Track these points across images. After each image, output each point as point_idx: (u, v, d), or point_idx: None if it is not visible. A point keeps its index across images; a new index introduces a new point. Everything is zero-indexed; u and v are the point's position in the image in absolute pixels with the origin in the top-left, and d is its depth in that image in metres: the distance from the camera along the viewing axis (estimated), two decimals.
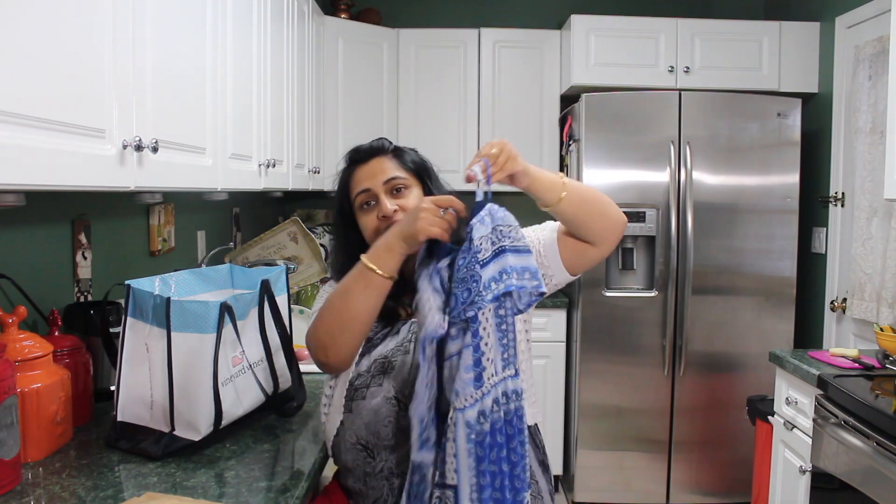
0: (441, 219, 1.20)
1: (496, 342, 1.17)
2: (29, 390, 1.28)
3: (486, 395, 1.15)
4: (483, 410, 1.15)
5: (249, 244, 2.77)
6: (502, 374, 1.17)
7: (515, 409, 1.18)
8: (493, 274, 1.14)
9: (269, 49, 2.23)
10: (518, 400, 1.18)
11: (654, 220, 3.16)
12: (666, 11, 3.61)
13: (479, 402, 1.14)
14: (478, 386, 1.15)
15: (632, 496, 3.25)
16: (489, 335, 1.16)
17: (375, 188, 1.36)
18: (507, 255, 1.15)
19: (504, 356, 1.17)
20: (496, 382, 1.16)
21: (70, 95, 1.05)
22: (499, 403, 1.16)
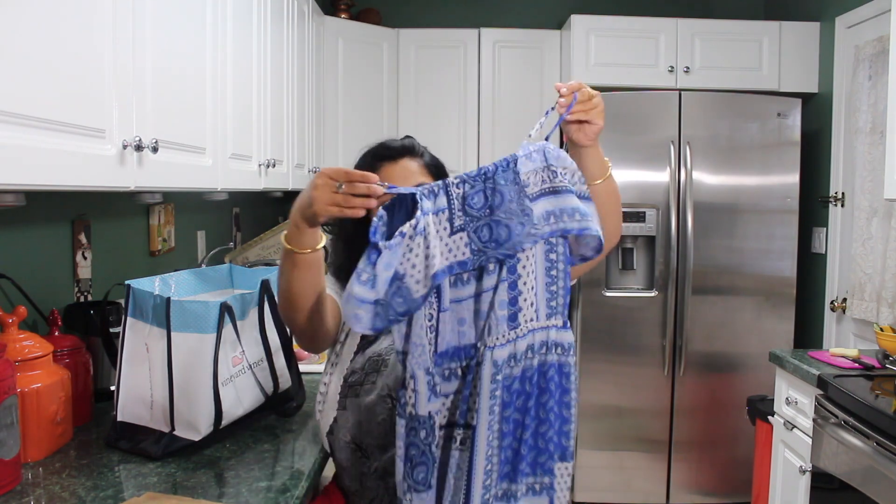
0: (338, 195, 1.06)
1: (542, 286, 1.11)
2: (29, 390, 1.28)
3: (521, 337, 1.09)
4: (515, 353, 1.09)
5: (249, 244, 2.77)
6: (545, 322, 1.11)
7: (558, 364, 1.12)
8: (548, 209, 1.09)
9: (269, 49, 2.23)
10: (563, 355, 1.12)
11: (654, 220, 3.16)
12: (666, 11, 3.61)
13: (512, 344, 1.08)
14: (512, 326, 1.09)
15: (632, 496, 3.25)
16: (530, 275, 1.09)
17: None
18: (564, 195, 1.09)
19: (551, 304, 1.11)
20: (535, 328, 1.11)
21: (70, 95, 1.05)
22: (534, 350, 1.10)
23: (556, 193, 1.10)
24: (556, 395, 1.11)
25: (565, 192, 1.10)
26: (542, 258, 1.11)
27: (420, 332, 1.08)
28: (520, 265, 1.09)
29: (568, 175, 1.11)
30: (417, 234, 1.03)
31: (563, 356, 1.12)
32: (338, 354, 1.37)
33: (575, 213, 1.09)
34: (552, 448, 1.12)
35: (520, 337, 1.09)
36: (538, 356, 1.11)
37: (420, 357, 1.08)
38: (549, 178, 1.10)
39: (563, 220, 1.09)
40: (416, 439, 1.10)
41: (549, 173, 1.10)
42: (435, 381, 1.09)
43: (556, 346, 1.12)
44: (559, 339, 1.12)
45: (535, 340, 1.11)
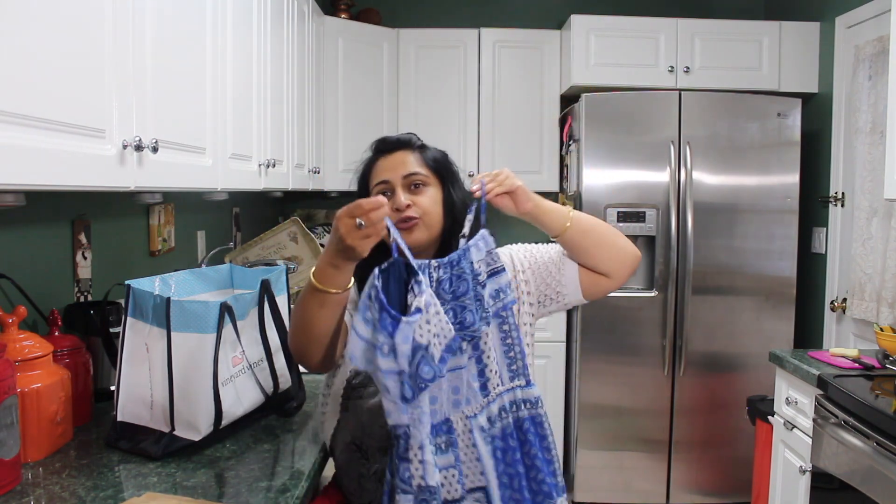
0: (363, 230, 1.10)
1: (501, 355, 1.25)
2: (29, 390, 1.28)
3: (493, 402, 1.22)
4: (490, 416, 1.21)
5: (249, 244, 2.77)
6: (509, 384, 1.24)
7: (530, 417, 1.24)
8: (492, 290, 1.24)
9: (269, 49, 2.23)
10: (533, 408, 1.25)
11: (654, 220, 3.16)
12: (666, 11, 3.61)
13: (486, 409, 1.22)
14: (485, 394, 1.22)
15: (632, 496, 3.25)
16: (491, 348, 1.23)
17: (394, 181, 1.34)
18: (500, 275, 1.25)
19: (511, 367, 1.25)
20: (502, 392, 1.23)
21: (70, 95, 1.05)
22: (506, 411, 1.23)
23: (496, 274, 1.25)
24: (536, 443, 1.24)
25: (501, 272, 1.26)
26: (497, 331, 1.25)
27: (426, 401, 1.14)
28: (482, 342, 1.22)
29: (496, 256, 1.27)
30: (431, 305, 1.12)
31: (532, 409, 1.25)
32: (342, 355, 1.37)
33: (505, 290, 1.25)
34: (546, 489, 1.22)
35: (491, 402, 1.22)
36: (511, 414, 1.24)
37: (426, 427, 1.14)
38: (491, 262, 1.25)
39: (501, 298, 1.25)
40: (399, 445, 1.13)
41: (489, 258, 1.25)
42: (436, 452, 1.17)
43: (525, 402, 1.25)
44: (525, 396, 1.25)
45: (505, 402, 1.24)
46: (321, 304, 1.17)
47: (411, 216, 1.32)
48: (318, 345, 1.22)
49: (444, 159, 1.42)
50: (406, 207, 1.32)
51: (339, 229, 1.10)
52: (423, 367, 1.09)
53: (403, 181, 1.35)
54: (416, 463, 1.11)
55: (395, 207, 1.32)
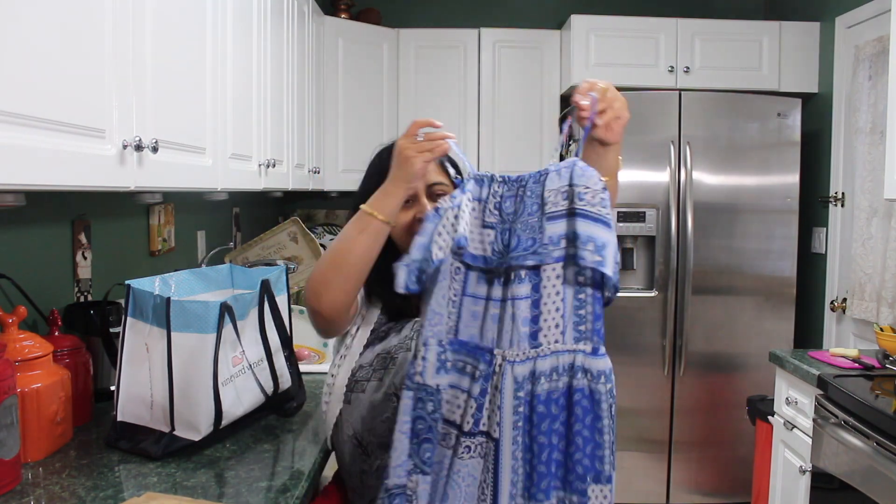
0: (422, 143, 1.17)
1: (570, 309, 1.10)
2: (29, 390, 1.28)
3: (543, 357, 1.10)
4: (536, 371, 1.09)
5: (249, 244, 2.77)
6: (572, 345, 1.10)
7: (588, 390, 1.09)
8: (561, 233, 1.10)
9: (269, 49, 2.23)
10: (593, 381, 1.09)
11: (654, 220, 3.17)
12: (666, 11, 3.60)
13: (533, 362, 1.09)
14: (533, 345, 1.10)
15: (632, 496, 3.25)
16: (552, 296, 1.10)
17: (419, 189, 1.34)
18: (578, 219, 1.09)
19: (579, 328, 1.11)
20: (559, 350, 1.10)
21: (70, 95, 1.05)
22: (559, 373, 1.10)
23: (573, 216, 1.10)
24: (586, 420, 1.09)
25: (583, 216, 1.09)
26: (573, 280, 1.10)
27: (441, 302, 1.11)
28: (542, 284, 1.10)
29: (589, 196, 1.10)
30: (453, 206, 1.12)
31: (593, 382, 1.10)
32: (348, 347, 1.38)
33: (589, 242, 1.08)
34: (581, 470, 1.09)
35: (541, 356, 1.10)
36: (563, 379, 1.10)
37: (436, 326, 1.11)
38: (570, 200, 1.10)
39: (576, 247, 1.09)
40: (423, 412, 1.10)
41: (571, 194, 1.10)
42: (447, 357, 1.11)
43: (586, 371, 1.10)
44: (588, 365, 1.10)
45: (560, 363, 1.10)
46: (362, 228, 1.22)
47: None
48: (342, 277, 1.24)
49: (457, 165, 1.42)
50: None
51: (400, 148, 1.18)
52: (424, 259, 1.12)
53: (428, 190, 1.35)
54: (419, 360, 1.12)
55: (419, 216, 1.32)
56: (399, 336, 1.35)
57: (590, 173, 1.12)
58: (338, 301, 1.27)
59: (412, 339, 1.33)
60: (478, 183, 1.15)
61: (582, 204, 1.10)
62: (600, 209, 1.10)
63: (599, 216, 1.10)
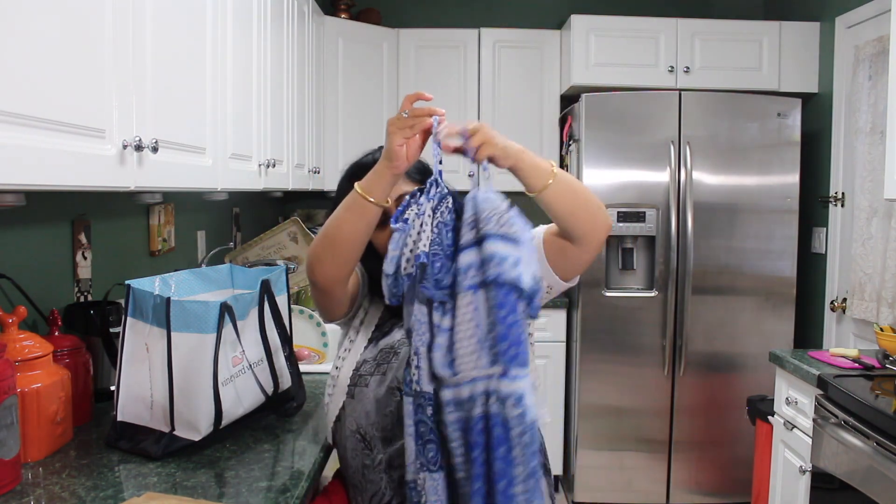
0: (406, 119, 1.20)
1: (483, 333, 1.09)
2: (29, 390, 1.28)
3: (462, 385, 1.10)
4: (458, 399, 1.10)
5: (249, 244, 2.77)
6: (487, 370, 1.08)
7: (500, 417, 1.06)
8: (470, 261, 1.11)
9: (269, 49, 2.23)
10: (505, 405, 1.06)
11: (654, 220, 3.16)
12: (666, 11, 3.61)
13: (455, 389, 1.10)
14: (452, 373, 1.10)
15: (632, 496, 3.25)
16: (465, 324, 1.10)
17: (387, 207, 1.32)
18: (491, 240, 1.10)
19: (493, 351, 1.08)
20: (476, 377, 1.09)
21: (70, 95, 1.05)
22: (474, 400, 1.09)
23: (480, 243, 1.11)
24: (499, 450, 1.07)
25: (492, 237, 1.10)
26: (484, 305, 1.10)
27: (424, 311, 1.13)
28: (458, 312, 1.11)
29: (495, 219, 1.11)
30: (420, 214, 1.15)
31: (501, 407, 1.07)
32: (352, 341, 1.40)
33: (492, 258, 1.09)
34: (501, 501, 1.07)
35: (461, 384, 1.10)
36: (480, 407, 1.09)
37: (423, 335, 1.13)
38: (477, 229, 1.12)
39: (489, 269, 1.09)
40: (424, 416, 1.13)
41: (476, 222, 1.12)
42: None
43: (496, 395, 1.08)
44: (499, 389, 1.08)
45: (478, 390, 1.09)
46: (349, 206, 1.25)
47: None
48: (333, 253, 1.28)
49: (423, 167, 1.40)
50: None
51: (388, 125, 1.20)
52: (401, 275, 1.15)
53: (396, 204, 1.32)
54: (413, 368, 1.15)
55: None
56: (402, 331, 1.35)
57: (491, 198, 1.13)
58: (330, 274, 1.30)
59: None
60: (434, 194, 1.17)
61: (489, 227, 1.11)
62: (507, 229, 1.11)
63: (507, 235, 1.11)
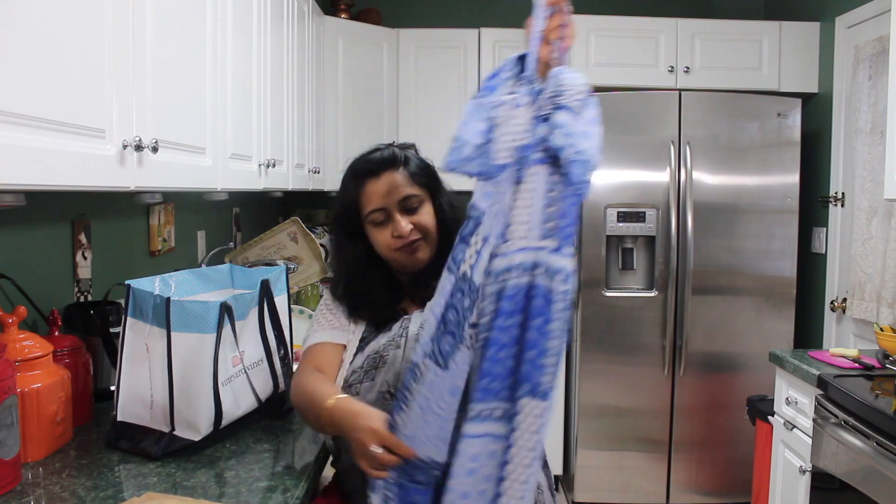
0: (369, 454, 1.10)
1: (539, 207, 1.06)
2: (29, 390, 1.28)
3: (511, 253, 1.07)
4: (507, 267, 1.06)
5: (249, 244, 2.77)
6: (537, 242, 1.06)
7: (544, 288, 1.05)
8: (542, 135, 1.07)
9: (269, 49, 2.23)
10: (552, 279, 1.05)
11: (654, 220, 3.17)
12: (666, 11, 3.61)
13: (503, 258, 1.07)
14: (504, 239, 1.07)
15: (632, 496, 3.25)
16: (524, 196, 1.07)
17: (390, 207, 1.31)
18: (561, 112, 1.07)
19: (546, 225, 1.06)
20: (524, 246, 1.06)
21: (70, 95, 1.05)
22: (523, 270, 1.06)
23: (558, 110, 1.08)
24: (536, 320, 1.05)
25: (560, 109, 1.07)
26: (545, 179, 1.07)
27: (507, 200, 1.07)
28: (521, 185, 1.07)
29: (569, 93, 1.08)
30: (518, 106, 1.07)
31: (550, 280, 1.05)
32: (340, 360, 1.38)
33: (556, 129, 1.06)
34: (519, 377, 1.05)
35: (509, 252, 1.07)
36: (524, 276, 1.06)
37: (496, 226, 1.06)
38: (553, 100, 1.08)
39: (549, 140, 1.06)
40: (459, 305, 1.07)
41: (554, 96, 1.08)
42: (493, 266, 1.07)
43: (545, 268, 1.05)
44: (549, 262, 1.05)
45: (526, 259, 1.06)
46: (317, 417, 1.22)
47: (415, 239, 1.32)
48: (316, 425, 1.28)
49: (427, 169, 1.38)
50: (409, 232, 1.31)
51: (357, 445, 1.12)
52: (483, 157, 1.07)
53: (399, 205, 1.32)
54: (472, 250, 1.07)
55: (398, 234, 1.31)
56: (388, 335, 1.34)
57: (573, 76, 1.10)
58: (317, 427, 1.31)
59: (402, 337, 1.33)
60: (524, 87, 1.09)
61: (562, 100, 1.07)
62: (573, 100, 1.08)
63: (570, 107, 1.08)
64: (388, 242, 1.33)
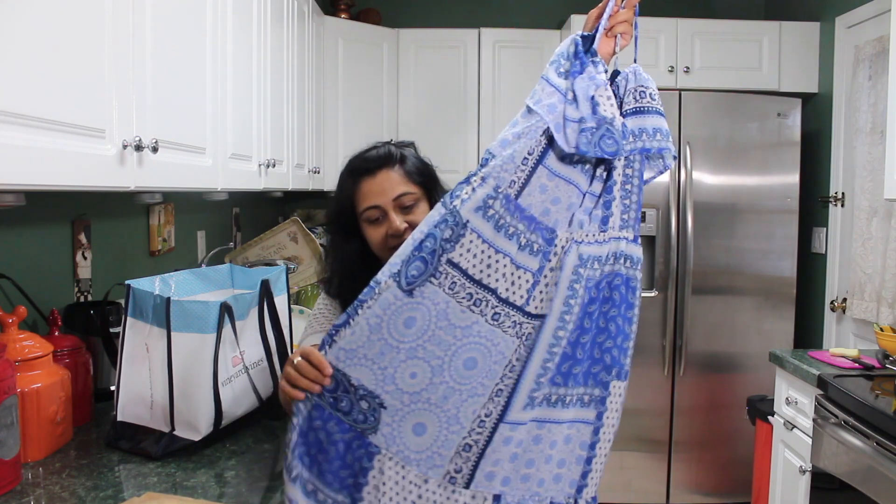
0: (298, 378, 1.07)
1: (619, 198, 1.12)
2: (29, 390, 1.28)
3: (606, 242, 1.10)
4: (600, 256, 1.09)
5: (249, 244, 2.77)
6: (619, 233, 1.11)
7: (626, 277, 1.11)
8: (633, 128, 1.12)
9: (269, 49, 2.23)
10: (632, 268, 1.11)
11: (654, 220, 3.16)
12: (666, 11, 3.60)
13: (599, 245, 1.09)
14: (602, 228, 1.10)
15: (632, 496, 3.25)
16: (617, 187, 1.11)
17: (385, 205, 1.31)
18: (646, 115, 1.14)
19: (624, 216, 1.12)
20: (613, 237, 1.11)
21: (70, 95, 1.05)
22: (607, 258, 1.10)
23: (641, 113, 1.14)
24: (621, 308, 1.10)
25: (649, 111, 1.14)
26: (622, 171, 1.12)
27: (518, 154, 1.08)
28: (615, 172, 1.11)
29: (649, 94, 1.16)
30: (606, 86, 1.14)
31: (631, 269, 1.11)
32: None
33: (657, 133, 1.13)
34: (608, 361, 1.11)
35: (605, 241, 1.10)
36: (608, 265, 1.10)
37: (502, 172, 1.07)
38: (638, 98, 1.15)
39: (643, 139, 1.12)
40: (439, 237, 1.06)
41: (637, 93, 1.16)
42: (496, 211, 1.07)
43: (626, 258, 1.11)
44: (629, 252, 1.12)
45: (611, 249, 1.11)
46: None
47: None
48: None
49: (424, 168, 1.38)
50: (404, 230, 1.30)
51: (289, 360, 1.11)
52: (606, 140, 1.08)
53: (394, 203, 1.31)
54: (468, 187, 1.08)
55: (393, 233, 1.30)
56: None
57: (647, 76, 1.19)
58: None
59: None
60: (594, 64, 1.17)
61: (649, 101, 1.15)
62: (659, 104, 1.16)
63: (660, 111, 1.16)
64: (382, 240, 1.33)
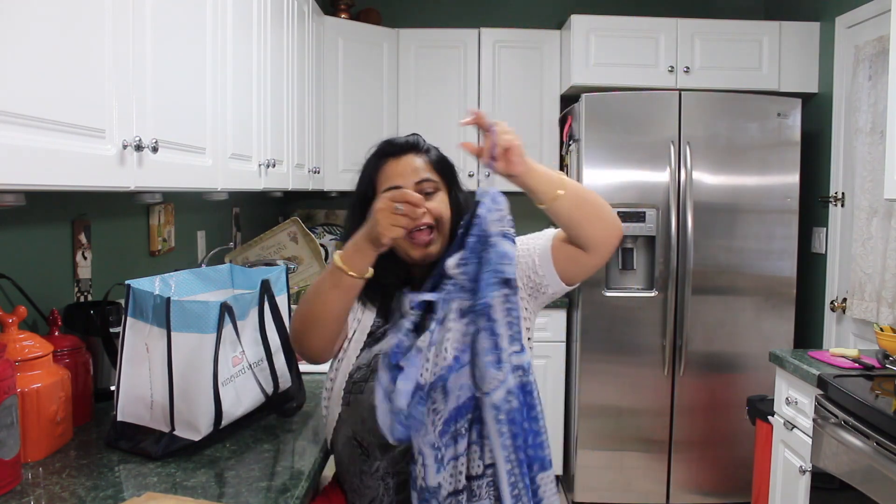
0: (398, 215, 1.21)
1: (505, 324, 1.17)
2: (29, 390, 1.28)
3: (509, 374, 1.17)
4: (510, 389, 1.16)
5: (249, 244, 2.77)
6: (509, 350, 1.18)
7: (520, 384, 1.18)
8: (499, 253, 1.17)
9: (269, 49, 2.23)
10: (527, 375, 1.20)
11: (654, 220, 3.16)
12: (666, 11, 3.61)
13: (504, 384, 1.16)
14: (498, 368, 1.16)
15: (632, 496, 3.25)
16: (501, 320, 1.17)
17: (406, 187, 1.33)
18: (505, 240, 1.18)
19: (509, 334, 1.18)
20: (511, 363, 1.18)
21: (70, 95, 1.05)
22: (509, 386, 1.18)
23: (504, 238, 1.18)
24: (524, 412, 1.18)
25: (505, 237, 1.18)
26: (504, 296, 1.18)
27: (423, 411, 1.15)
28: (494, 311, 1.15)
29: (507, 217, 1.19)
30: (432, 345, 1.15)
31: (523, 377, 1.19)
32: (344, 350, 1.39)
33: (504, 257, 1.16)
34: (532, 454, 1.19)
35: (508, 375, 1.16)
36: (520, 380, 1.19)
37: (425, 436, 1.15)
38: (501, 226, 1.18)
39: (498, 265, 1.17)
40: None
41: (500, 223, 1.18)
42: (442, 453, 1.16)
43: (521, 368, 1.19)
44: (521, 362, 1.19)
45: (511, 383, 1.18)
46: (335, 284, 1.26)
47: (427, 223, 1.33)
48: (319, 331, 1.31)
49: (447, 161, 1.42)
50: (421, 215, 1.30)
51: (377, 210, 1.21)
52: (419, 407, 1.14)
53: (416, 187, 1.34)
54: (419, 466, 1.16)
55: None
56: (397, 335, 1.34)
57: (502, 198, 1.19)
58: (318, 348, 1.34)
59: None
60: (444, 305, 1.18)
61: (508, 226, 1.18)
62: (509, 228, 1.19)
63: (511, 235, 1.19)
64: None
